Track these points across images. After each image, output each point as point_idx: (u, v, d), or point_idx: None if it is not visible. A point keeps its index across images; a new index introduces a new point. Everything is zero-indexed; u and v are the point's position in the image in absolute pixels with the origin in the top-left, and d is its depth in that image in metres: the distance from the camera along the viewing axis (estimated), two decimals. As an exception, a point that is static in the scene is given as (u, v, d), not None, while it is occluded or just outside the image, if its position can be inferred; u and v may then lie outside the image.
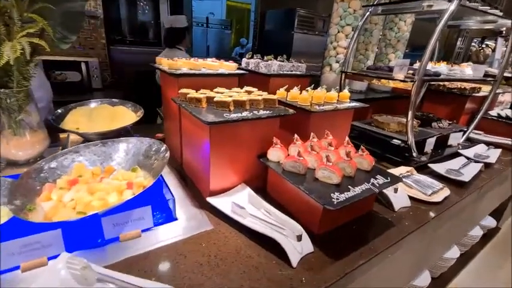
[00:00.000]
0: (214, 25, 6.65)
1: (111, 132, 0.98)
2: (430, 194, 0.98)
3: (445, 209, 0.95)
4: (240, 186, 0.90)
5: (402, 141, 1.24)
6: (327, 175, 0.75)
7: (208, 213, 0.81)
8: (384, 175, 0.82)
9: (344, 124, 1.15)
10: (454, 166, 1.23)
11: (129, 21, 3.10)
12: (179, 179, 0.99)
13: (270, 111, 0.88)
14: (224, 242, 0.70)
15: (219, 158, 0.82)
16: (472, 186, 1.13)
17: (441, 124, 1.51)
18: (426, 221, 0.87)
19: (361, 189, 0.73)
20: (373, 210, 0.89)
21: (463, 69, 1.42)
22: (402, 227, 0.82)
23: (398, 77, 1.12)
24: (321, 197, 0.68)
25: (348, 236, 0.75)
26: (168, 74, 0.98)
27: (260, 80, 1.25)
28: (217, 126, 0.77)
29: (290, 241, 0.67)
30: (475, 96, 1.76)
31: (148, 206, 0.70)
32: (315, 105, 1.02)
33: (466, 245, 1.79)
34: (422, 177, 1.09)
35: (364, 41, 1.67)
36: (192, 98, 0.84)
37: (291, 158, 0.80)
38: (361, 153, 0.85)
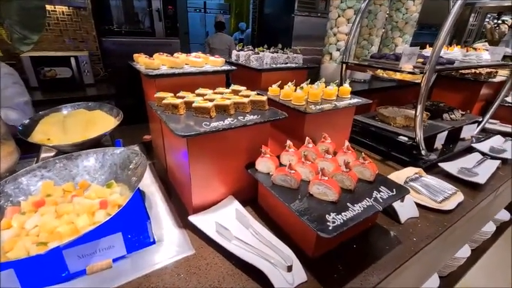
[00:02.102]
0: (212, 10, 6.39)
1: (87, 142, 0.89)
2: (440, 200, 0.88)
3: (458, 219, 0.84)
4: (227, 199, 0.81)
5: (410, 138, 1.13)
6: (323, 191, 0.65)
7: (191, 233, 0.73)
8: (389, 187, 0.72)
9: (345, 123, 1.04)
10: (468, 164, 1.11)
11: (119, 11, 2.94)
12: (163, 190, 0.91)
13: (257, 115, 0.77)
14: (205, 271, 0.62)
15: (201, 170, 0.73)
16: (488, 188, 1.02)
17: (453, 115, 1.37)
18: (436, 235, 0.77)
19: (361, 208, 0.63)
20: (377, 223, 0.80)
21: (480, 54, 1.26)
22: (409, 244, 0.73)
23: (406, 68, 0.99)
24: (314, 220, 0.59)
25: (348, 259, 0.67)
26: (144, 75, 0.87)
27: (251, 76, 1.14)
28: (195, 139, 0.67)
29: (279, 271, 0.58)
30: (491, 82, 1.61)
31: (119, 233, 0.62)
32: (311, 105, 0.91)
33: (477, 241, 1.70)
34: (432, 180, 0.98)
35: (368, 25, 1.52)
36: (168, 105, 0.74)
37: (281, 171, 0.70)
38: (363, 162, 0.74)
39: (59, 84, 2.43)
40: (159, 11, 3.10)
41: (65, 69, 2.47)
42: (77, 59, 2.50)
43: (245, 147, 0.79)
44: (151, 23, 3.09)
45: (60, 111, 0.99)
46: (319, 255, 0.66)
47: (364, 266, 0.65)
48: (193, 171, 0.72)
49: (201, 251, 0.67)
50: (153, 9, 3.02)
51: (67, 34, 2.65)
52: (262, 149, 0.76)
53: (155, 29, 3.09)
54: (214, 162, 0.75)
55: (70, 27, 2.63)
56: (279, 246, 0.64)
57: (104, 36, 2.85)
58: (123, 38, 2.93)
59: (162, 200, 0.86)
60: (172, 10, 3.13)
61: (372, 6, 1.49)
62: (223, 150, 0.75)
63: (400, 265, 0.66)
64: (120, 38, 2.92)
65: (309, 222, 0.58)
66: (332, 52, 1.47)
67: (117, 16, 2.95)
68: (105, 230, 0.60)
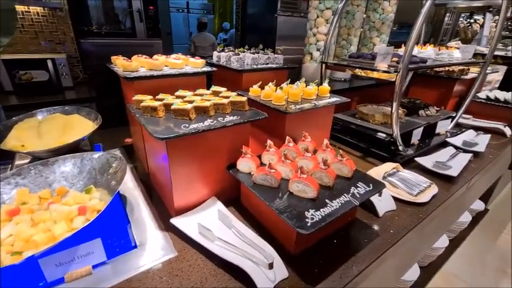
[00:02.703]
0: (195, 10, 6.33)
1: (64, 147, 0.87)
2: (416, 194, 0.91)
3: (432, 211, 0.89)
4: (210, 200, 0.82)
5: (387, 134, 1.17)
6: (302, 188, 0.67)
7: (173, 236, 0.72)
8: (366, 182, 0.75)
9: (325, 122, 1.06)
10: (442, 158, 1.17)
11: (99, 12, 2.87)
12: (145, 194, 0.90)
13: (238, 116, 0.78)
14: (188, 273, 0.62)
15: (182, 172, 0.73)
16: (461, 180, 1.07)
17: (428, 111, 1.43)
18: (412, 226, 0.80)
19: (339, 203, 0.65)
20: (357, 217, 0.82)
21: (451, 52, 1.33)
22: (387, 237, 0.76)
23: (381, 67, 1.02)
24: (293, 218, 0.60)
25: (329, 254, 0.68)
26: (122, 77, 0.86)
27: (232, 77, 1.14)
28: (175, 141, 0.67)
29: (261, 269, 0.59)
30: (464, 79, 1.68)
31: (98, 238, 0.61)
32: (291, 104, 0.93)
33: (454, 231, 1.78)
34: (408, 174, 1.03)
35: (346, 25, 1.55)
36: (147, 107, 0.74)
37: (261, 171, 0.71)
38: (341, 159, 0.76)
39: (35, 88, 2.35)
40: (140, 12, 3.05)
41: (42, 72, 2.39)
42: (54, 61, 2.42)
43: (226, 148, 0.80)
44: (132, 23, 3.03)
45: (35, 116, 0.96)
46: (300, 252, 0.68)
47: (344, 259, 0.67)
48: (174, 174, 0.71)
49: (183, 253, 0.67)
50: (134, 10, 2.96)
51: (43, 36, 2.56)
52: (243, 149, 0.77)
53: (136, 29, 3.03)
54: (195, 164, 0.75)
55: (46, 28, 2.55)
56: (260, 244, 0.66)
57: (83, 38, 2.76)
58: (103, 40, 2.86)
59: (144, 204, 0.85)
60: (153, 10, 3.09)
61: (349, 7, 1.53)
62: (204, 152, 0.75)
63: (378, 257, 0.69)
64: (100, 39, 2.85)
65: (288, 219, 0.59)
66: (312, 52, 1.50)
67: (96, 17, 2.87)
68: (83, 236, 0.59)
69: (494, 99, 1.69)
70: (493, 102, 1.68)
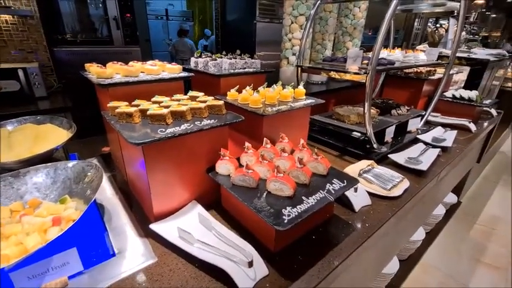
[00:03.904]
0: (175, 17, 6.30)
1: (36, 158, 0.84)
2: (390, 188, 0.96)
3: (405, 203, 0.93)
4: (190, 204, 0.82)
5: (362, 133, 1.22)
6: (279, 187, 0.69)
7: (153, 241, 0.72)
8: (340, 178, 0.78)
9: (302, 123, 1.10)
10: (413, 154, 1.23)
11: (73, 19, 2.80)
12: (124, 201, 0.88)
13: (215, 120, 0.79)
14: (168, 277, 0.62)
15: (160, 177, 0.73)
16: (430, 174, 1.13)
17: (400, 111, 1.51)
18: (386, 219, 0.84)
19: (315, 200, 0.68)
20: (334, 213, 0.85)
21: (417, 55, 1.41)
22: (363, 230, 0.79)
23: (352, 69, 1.07)
24: (270, 215, 0.62)
25: (307, 249, 0.71)
26: (96, 85, 0.85)
27: (210, 82, 1.16)
28: (151, 146, 0.67)
29: (241, 268, 0.60)
30: (431, 79, 1.79)
31: (73, 248, 0.59)
32: (268, 107, 0.95)
33: (430, 224, 1.87)
34: (382, 170, 1.08)
35: (320, 30, 1.62)
36: (122, 113, 0.73)
37: (239, 172, 0.73)
38: (316, 157, 0.79)
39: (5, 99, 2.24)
40: (117, 19, 3.01)
41: (12, 82, 2.29)
42: (25, 70, 2.33)
43: (204, 152, 0.81)
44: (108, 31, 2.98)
45: (4, 127, 0.93)
46: (280, 249, 0.70)
47: (322, 254, 0.69)
48: (152, 180, 0.71)
49: (163, 258, 0.67)
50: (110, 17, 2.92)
51: (13, 44, 2.46)
52: (221, 152, 0.78)
53: (113, 37, 2.98)
54: (173, 168, 0.75)
55: (16, 37, 2.45)
56: (241, 244, 0.67)
57: (56, 46, 2.68)
58: (78, 48, 2.79)
59: (123, 212, 0.84)
60: (130, 18, 3.05)
61: (322, 13, 1.59)
62: (182, 156, 0.76)
63: (355, 249, 0.72)
64: (75, 47, 2.77)
65: (266, 217, 0.61)
66: (288, 57, 1.55)
67: (70, 25, 2.80)
68: (57, 247, 0.58)
69: (459, 98, 1.81)
70: (459, 101, 1.79)
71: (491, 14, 6.70)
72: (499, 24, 7.12)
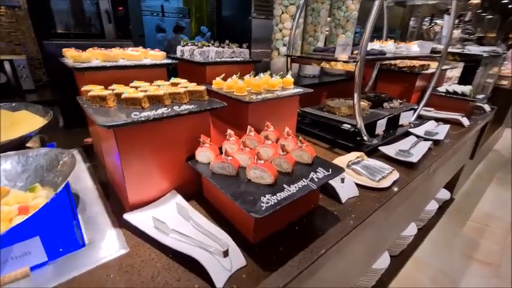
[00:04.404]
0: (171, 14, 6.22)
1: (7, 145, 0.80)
2: (378, 179, 0.93)
3: (393, 195, 0.90)
4: (169, 194, 0.78)
5: (352, 125, 1.19)
6: (259, 175, 0.66)
7: (127, 232, 0.68)
8: (325, 167, 0.75)
9: (289, 113, 1.06)
10: (405, 146, 1.21)
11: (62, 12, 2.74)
12: (101, 192, 0.85)
13: (194, 105, 0.75)
14: (139, 269, 0.58)
15: (136, 165, 0.69)
16: (421, 166, 1.11)
17: (392, 104, 1.49)
18: (373, 210, 0.81)
19: (297, 188, 0.65)
20: (320, 204, 0.82)
21: (409, 47, 1.39)
22: (348, 222, 0.76)
23: (341, 57, 1.04)
24: (247, 202, 0.58)
25: (289, 241, 0.67)
26: (73, 69, 0.81)
27: (196, 70, 1.12)
28: (124, 130, 0.63)
29: (216, 258, 0.57)
30: (425, 74, 1.77)
31: (36, 237, 0.56)
32: (253, 95, 0.92)
33: (423, 220, 1.85)
34: (372, 162, 1.05)
35: (312, 22, 1.59)
36: (95, 97, 0.69)
37: (218, 159, 0.69)
38: (300, 145, 0.76)
39: (-7, 91, 2.19)
40: (108, 12, 2.95)
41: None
42: (12, 62, 2.28)
43: (184, 139, 0.77)
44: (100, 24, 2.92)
45: None
46: (260, 240, 0.66)
47: (304, 245, 0.66)
48: (126, 167, 0.68)
49: (136, 249, 0.63)
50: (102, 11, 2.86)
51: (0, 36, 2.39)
52: (201, 139, 0.75)
53: (105, 31, 2.92)
54: (150, 156, 0.71)
55: (3, 28, 2.39)
56: (218, 235, 0.63)
57: (46, 39, 2.62)
58: (68, 41, 2.71)
59: (99, 202, 0.80)
60: (122, 12, 3.00)
61: (314, 4, 1.56)
62: (159, 143, 0.72)
63: (338, 241, 0.69)
64: (65, 40, 2.70)
65: (242, 204, 0.57)
66: (279, 47, 1.52)
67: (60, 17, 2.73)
68: (18, 236, 0.54)
69: (452, 93, 1.79)
70: (452, 95, 1.77)
71: (487, 15, 6.73)
72: (494, 25, 7.15)
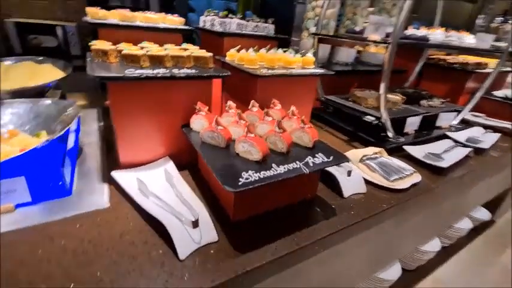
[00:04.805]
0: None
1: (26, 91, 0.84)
2: (393, 179, 0.82)
3: (409, 199, 0.79)
4: (162, 160, 0.77)
5: (376, 118, 1.07)
6: (247, 149, 0.60)
7: (113, 189, 0.68)
8: (326, 153, 0.67)
9: (305, 95, 0.98)
10: (436, 150, 1.05)
11: (114, -16, 2.87)
12: (104, 149, 0.86)
13: (195, 70, 0.72)
14: (111, 224, 0.57)
15: (129, 124, 0.68)
16: (451, 174, 0.96)
17: (432, 102, 1.31)
18: (378, 211, 0.72)
19: (286, 169, 0.58)
20: (318, 195, 0.75)
21: (462, 36, 1.19)
22: (345, 218, 0.67)
23: (371, 37, 0.92)
24: (226, 176, 0.54)
25: (272, 225, 0.62)
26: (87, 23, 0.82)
27: (215, 41, 1.08)
28: (117, 85, 0.62)
29: (185, 228, 0.54)
30: (479, 73, 1.52)
31: (21, 177, 0.57)
32: (265, 69, 0.85)
33: (450, 238, 1.64)
34: (391, 160, 0.93)
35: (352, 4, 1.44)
36: (98, 51, 0.69)
37: (209, 128, 0.65)
38: (302, 126, 0.69)
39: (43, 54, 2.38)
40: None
41: (51, 38, 2.42)
42: (64, 28, 2.44)
43: (182, 105, 0.74)
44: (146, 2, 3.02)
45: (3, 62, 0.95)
46: (241, 219, 0.62)
47: (286, 233, 0.60)
48: (118, 124, 0.67)
49: (116, 206, 0.63)
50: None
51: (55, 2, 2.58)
52: (197, 106, 0.71)
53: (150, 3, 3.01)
54: (144, 117, 0.70)
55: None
56: (196, 206, 0.60)
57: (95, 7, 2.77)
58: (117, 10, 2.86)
59: (99, 158, 0.81)
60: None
61: (357, -17, 1.41)
62: (155, 106, 0.70)
63: (327, 235, 0.61)
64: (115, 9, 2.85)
65: (220, 176, 0.53)
66: (309, 27, 1.41)
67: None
68: (5, 172, 0.56)
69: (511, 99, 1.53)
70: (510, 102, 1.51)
71: None
72: None
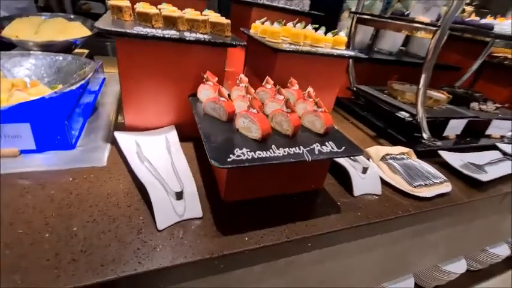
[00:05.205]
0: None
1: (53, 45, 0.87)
2: (417, 185, 0.71)
3: (432, 209, 0.68)
4: (167, 128, 0.75)
5: (411, 114, 0.94)
6: (247, 125, 0.55)
7: (114, 149, 0.68)
8: (338, 143, 0.59)
9: (331, 79, 0.88)
10: (479, 160, 0.90)
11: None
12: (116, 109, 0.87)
13: (209, 36, 0.67)
14: (102, 182, 0.57)
15: (135, 85, 0.67)
16: (491, 190, 0.81)
17: (484, 106, 1.12)
18: (392, 216, 0.63)
19: (286, 153, 0.52)
20: (325, 189, 0.68)
21: (539, 29, 0.97)
22: (350, 217, 0.60)
23: (419, 18, 0.78)
24: (218, 149, 0.49)
25: (265, 212, 0.57)
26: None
27: (243, 12, 1.02)
28: (125, 42, 0.60)
29: (170, 199, 0.51)
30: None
31: (27, 123, 0.59)
32: (287, 44, 0.78)
33: (480, 262, 1.46)
34: (419, 164, 0.81)
35: (406, -17, 1.26)
36: (114, 6, 0.67)
37: (211, 99, 0.60)
38: (315, 109, 0.61)
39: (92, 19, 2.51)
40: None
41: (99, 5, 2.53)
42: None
43: (192, 73, 0.70)
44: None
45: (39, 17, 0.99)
46: (232, 201, 0.58)
47: (277, 223, 0.55)
48: (125, 85, 0.66)
49: (112, 166, 0.62)
50: None
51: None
52: (205, 75, 0.67)
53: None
54: (153, 82, 0.67)
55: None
56: (186, 178, 0.57)
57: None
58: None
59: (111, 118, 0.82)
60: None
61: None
62: (164, 70, 0.67)
63: (321, 234, 0.55)
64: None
65: (210, 149, 0.49)
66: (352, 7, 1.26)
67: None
68: (12, 116, 0.58)
69: None
70: None
71: None
72: None
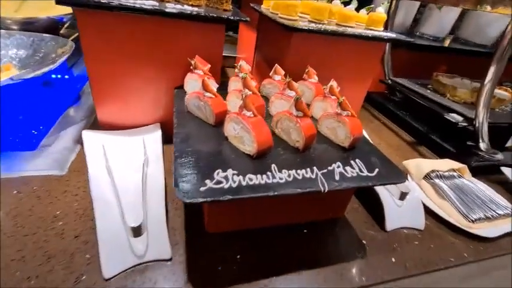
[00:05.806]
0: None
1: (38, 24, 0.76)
2: (475, 219, 0.52)
3: (496, 255, 0.49)
4: (151, 126, 0.61)
5: (466, 118, 0.72)
6: (239, 133, 0.39)
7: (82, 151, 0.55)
8: (369, 163, 0.41)
9: (361, 68, 0.69)
10: (558, 183, 0.68)
11: None
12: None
13: (199, 9, 0.50)
14: (52, 199, 0.44)
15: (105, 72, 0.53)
16: None
17: None
18: (440, 266, 0.45)
19: (290, 178, 0.35)
20: (346, 218, 0.51)
21: None
22: (379, 266, 0.43)
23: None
24: (190, 168, 0.34)
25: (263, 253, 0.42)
26: None
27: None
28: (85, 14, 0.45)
29: (126, 235, 0.37)
30: None
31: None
32: (306, 22, 0.60)
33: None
34: (476, 186, 0.61)
35: None
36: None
37: (194, 94, 0.45)
38: (339, 113, 0.43)
39: None
40: None
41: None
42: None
43: (180, 58, 0.54)
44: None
45: None
46: (220, 232, 0.43)
47: (273, 268, 0.39)
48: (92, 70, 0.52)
49: (73, 176, 0.50)
50: None
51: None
52: (192, 60, 0.51)
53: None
54: (128, 67, 0.53)
55: None
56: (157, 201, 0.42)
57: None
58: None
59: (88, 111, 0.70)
60: None
61: None
62: (143, 52, 0.52)
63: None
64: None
65: (178, 167, 0.33)
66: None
67: None
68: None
69: None
70: None
71: None
72: None
